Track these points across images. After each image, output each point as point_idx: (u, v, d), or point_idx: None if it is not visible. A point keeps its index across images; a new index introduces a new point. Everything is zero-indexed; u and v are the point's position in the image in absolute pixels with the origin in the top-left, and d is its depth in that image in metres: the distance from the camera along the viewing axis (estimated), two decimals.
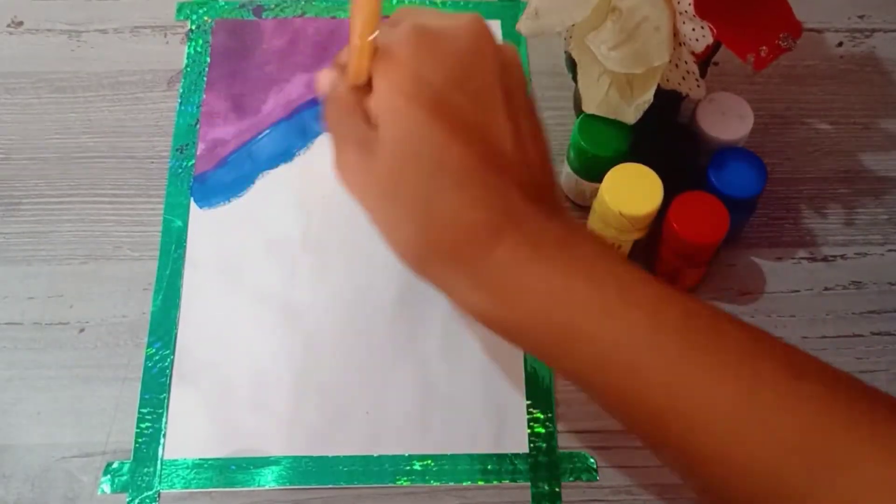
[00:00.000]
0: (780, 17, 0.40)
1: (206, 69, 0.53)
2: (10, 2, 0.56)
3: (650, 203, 0.42)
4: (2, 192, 0.49)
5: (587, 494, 0.42)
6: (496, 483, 0.42)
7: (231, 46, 0.54)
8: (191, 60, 0.53)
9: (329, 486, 0.42)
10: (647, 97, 0.41)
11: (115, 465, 0.42)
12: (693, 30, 0.39)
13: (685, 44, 0.40)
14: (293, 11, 0.55)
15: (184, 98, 0.52)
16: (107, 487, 0.42)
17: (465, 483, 0.42)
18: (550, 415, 0.43)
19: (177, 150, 0.50)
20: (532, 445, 0.43)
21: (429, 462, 0.42)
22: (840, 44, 0.55)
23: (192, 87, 0.52)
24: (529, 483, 0.42)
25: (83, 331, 0.45)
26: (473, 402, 0.44)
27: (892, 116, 0.52)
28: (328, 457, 0.42)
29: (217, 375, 0.44)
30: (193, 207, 0.49)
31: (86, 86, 0.53)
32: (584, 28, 0.41)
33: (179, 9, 0.56)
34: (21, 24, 0.55)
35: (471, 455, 0.43)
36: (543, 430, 0.43)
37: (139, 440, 0.43)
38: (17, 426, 0.43)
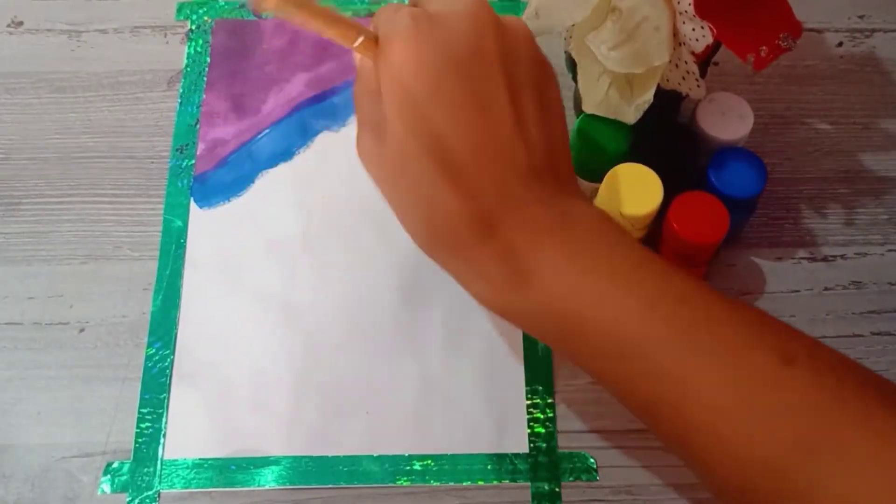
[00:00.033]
0: (780, 17, 0.40)
1: (206, 69, 0.53)
2: (10, 2, 0.56)
3: (650, 203, 0.42)
4: (2, 192, 0.49)
5: (587, 494, 0.42)
6: (496, 483, 0.42)
7: (231, 46, 0.54)
8: (191, 60, 0.53)
9: (329, 486, 0.42)
10: (647, 97, 0.41)
11: (115, 465, 0.42)
12: (693, 30, 0.39)
13: (685, 44, 0.40)
14: None
15: (184, 98, 0.52)
16: (107, 487, 0.42)
17: (465, 483, 0.42)
18: (551, 415, 0.44)
19: (177, 150, 0.50)
20: (532, 445, 0.43)
21: (429, 462, 0.42)
22: (840, 44, 0.55)
23: (192, 87, 0.52)
24: (529, 483, 0.42)
25: (83, 331, 0.45)
26: (473, 402, 0.44)
27: (892, 116, 0.52)
28: (328, 457, 0.42)
29: (217, 375, 0.44)
30: (193, 207, 0.49)
31: (86, 86, 0.53)
32: (584, 28, 0.41)
33: (179, 9, 0.55)
34: (21, 24, 0.55)
35: (471, 455, 0.43)
36: (543, 430, 0.43)
37: (139, 440, 0.43)
38: (17, 426, 0.43)
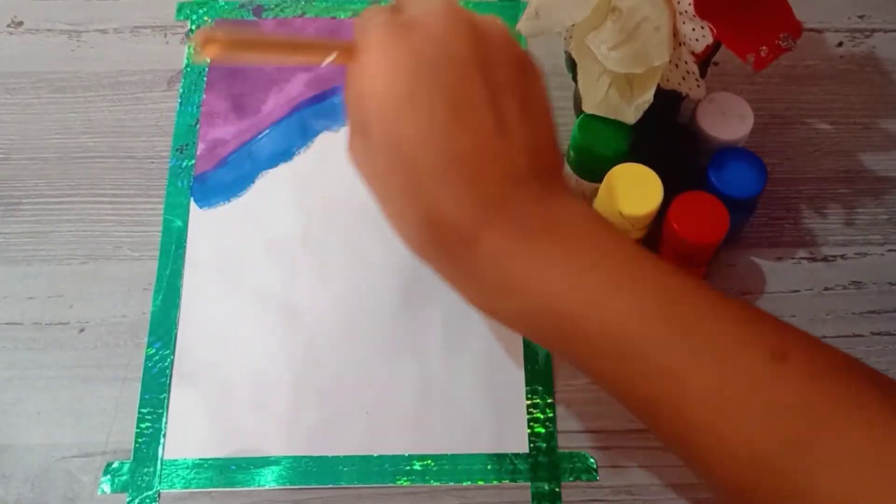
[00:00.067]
0: (780, 17, 0.40)
1: (206, 69, 0.53)
2: (10, 2, 0.56)
3: (650, 203, 0.42)
4: (2, 192, 0.49)
5: (587, 494, 0.42)
6: (496, 483, 0.42)
7: None
8: (191, 60, 0.53)
9: (329, 486, 0.42)
10: (647, 97, 0.41)
11: (115, 465, 0.42)
12: (693, 30, 0.39)
13: (685, 44, 0.40)
14: (293, 11, 0.55)
15: (184, 98, 0.52)
16: (107, 487, 0.42)
17: (465, 483, 0.42)
18: (551, 415, 0.43)
19: (177, 150, 0.50)
20: (532, 445, 0.43)
21: (429, 462, 0.42)
22: (840, 44, 0.55)
23: (192, 87, 0.52)
24: (529, 483, 0.42)
25: (83, 331, 0.45)
26: (473, 402, 0.44)
27: (892, 116, 0.52)
28: (328, 457, 0.42)
29: (217, 375, 0.44)
30: (193, 207, 0.49)
31: (86, 86, 0.53)
32: (584, 28, 0.41)
33: (179, 9, 0.56)
34: (21, 24, 0.55)
35: (471, 455, 0.43)
36: (543, 430, 0.43)
37: (139, 440, 0.43)
38: (17, 426, 0.43)
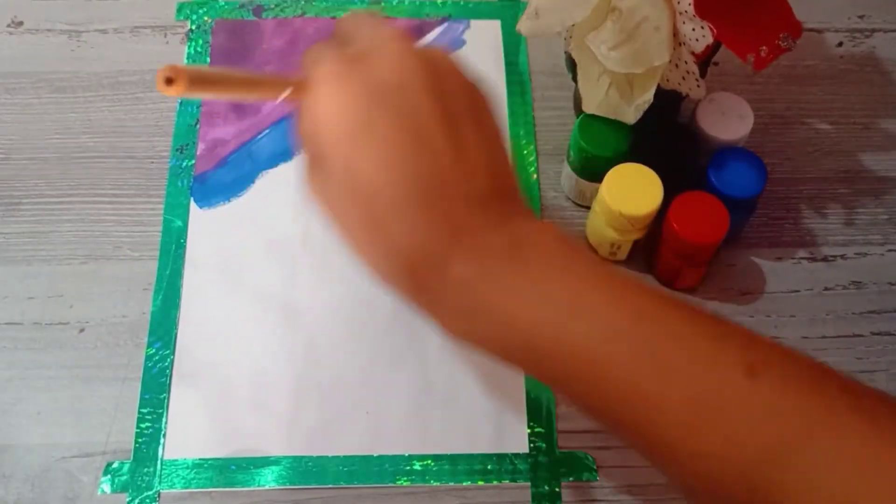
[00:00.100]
0: (780, 17, 0.40)
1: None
2: (10, 2, 0.56)
3: (650, 203, 0.42)
4: (2, 192, 0.49)
5: (587, 494, 0.42)
6: (496, 483, 0.42)
7: (231, 46, 0.54)
8: (191, 60, 0.53)
9: (329, 486, 0.42)
10: (647, 97, 0.41)
11: (115, 465, 0.42)
12: (693, 30, 0.39)
13: (685, 44, 0.40)
14: (293, 11, 0.55)
15: (184, 100, 0.52)
16: (107, 487, 0.42)
17: (465, 483, 0.42)
18: (551, 414, 0.43)
19: (177, 150, 0.50)
20: (532, 445, 0.43)
21: (429, 462, 0.42)
22: (840, 44, 0.55)
23: None
24: (529, 483, 0.42)
25: (83, 331, 0.45)
26: (473, 402, 0.44)
27: (892, 116, 0.52)
28: (328, 457, 0.42)
29: (217, 375, 0.44)
30: (193, 207, 0.49)
31: (86, 86, 0.53)
32: (584, 28, 0.41)
33: (179, 9, 0.56)
34: (21, 24, 0.55)
35: (471, 455, 0.43)
36: (543, 430, 0.43)
37: (139, 440, 0.43)
38: (17, 426, 0.43)
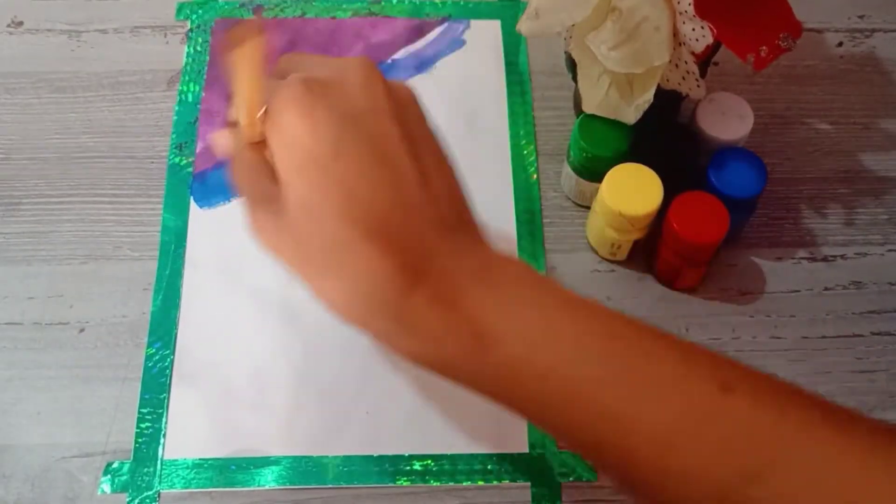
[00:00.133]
0: (780, 17, 0.40)
1: (206, 68, 0.53)
2: (10, 2, 0.56)
3: (650, 203, 0.42)
4: (2, 192, 0.49)
5: (587, 494, 0.42)
6: (496, 483, 0.42)
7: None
8: (190, 60, 0.53)
9: (329, 486, 0.42)
10: (647, 97, 0.41)
11: (115, 465, 0.42)
12: (693, 30, 0.39)
13: (685, 44, 0.40)
14: (293, 11, 0.55)
15: (183, 97, 0.52)
16: (107, 487, 0.42)
17: (465, 483, 0.42)
18: None
19: (176, 147, 0.50)
20: (532, 445, 0.43)
21: (429, 462, 0.42)
22: (840, 44, 0.55)
23: (192, 87, 0.52)
24: (529, 483, 0.42)
25: (83, 331, 0.45)
26: (473, 402, 0.43)
27: (892, 116, 0.52)
28: (328, 457, 0.42)
29: (217, 375, 0.44)
30: (193, 207, 0.49)
31: (86, 86, 0.53)
32: (584, 28, 0.41)
33: (179, 9, 0.56)
34: (21, 24, 0.55)
35: (471, 455, 0.43)
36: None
37: (139, 440, 0.43)
38: (17, 426, 0.43)
